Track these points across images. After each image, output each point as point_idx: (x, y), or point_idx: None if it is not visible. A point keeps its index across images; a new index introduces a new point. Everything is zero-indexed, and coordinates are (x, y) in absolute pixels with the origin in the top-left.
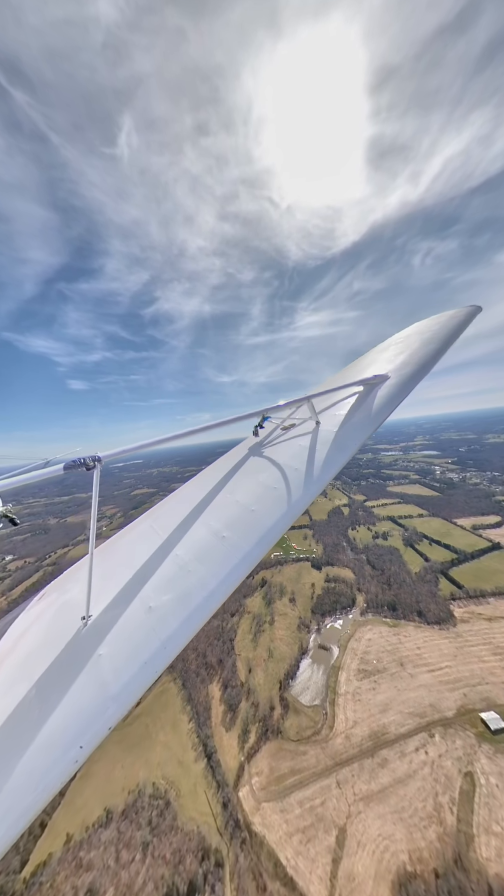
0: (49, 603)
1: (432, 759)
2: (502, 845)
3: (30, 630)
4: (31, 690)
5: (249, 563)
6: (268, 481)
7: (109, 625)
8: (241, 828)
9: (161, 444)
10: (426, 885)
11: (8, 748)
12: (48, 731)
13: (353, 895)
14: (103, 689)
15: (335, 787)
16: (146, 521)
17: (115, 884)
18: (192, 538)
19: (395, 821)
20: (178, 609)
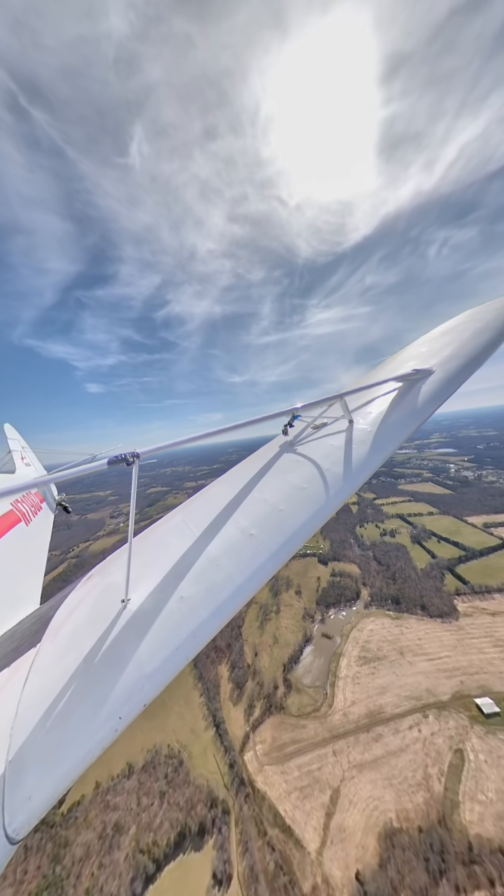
0: (94, 584)
1: (424, 737)
2: (485, 811)
3: (79, 606)
4: (80, 661)
5: (276, 563)
6: (297, 481)
7: (145, 609)
8: (246, 785)
9: (189, 443)
10: (410, 838)
11: (60, 711)
12: (93, 700)
13: (343, 843)
14: (139, 668)
15: (331, 756)
16: (179, 515)
17: (137, 822)
18: (221, 534)
19: (386, 786)
20: (207, 601)
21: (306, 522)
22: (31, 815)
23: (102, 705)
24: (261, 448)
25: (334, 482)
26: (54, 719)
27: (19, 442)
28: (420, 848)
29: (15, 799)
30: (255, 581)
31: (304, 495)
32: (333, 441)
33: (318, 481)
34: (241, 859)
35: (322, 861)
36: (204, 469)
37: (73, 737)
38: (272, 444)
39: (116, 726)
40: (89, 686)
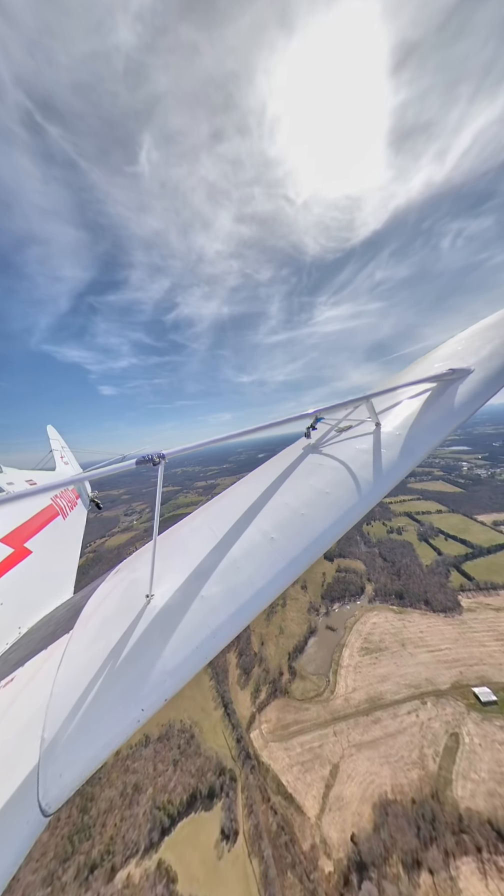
0: (121, 578)
1: (422, 721)
2: (477, 789)
3: (107, 598)
4: (107, 650)
5: (297, 568)
6: (319, 485)
7: (167, 606)
8: (251, 758)
9: (213, 445)
10: (403, 808)
11: (89, 696)
12: (118, 689)
13: (340, 810)
14: (162, 663)
15: (332, 735)
16: (201, 516)
17: (154, 785)
18: (242, 537)
19: (383, 763)
20: (227, 602)
21: (329, 528)
22: (62, 792)
23: (127, 695)
24: (282, 451)
25: (360, 487)
26: (83, 703)
27: (59, 442)
28: (412, 817)
29: (48, 774)
30: (276, 586)
31: (328, 500)
32: (359, 444)
33: (343, 486)
34: (247, 820)
35: (321, 825)
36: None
37: (100, 722)
38: (294, 447)
39: (139, 717)
40: (115, 675)
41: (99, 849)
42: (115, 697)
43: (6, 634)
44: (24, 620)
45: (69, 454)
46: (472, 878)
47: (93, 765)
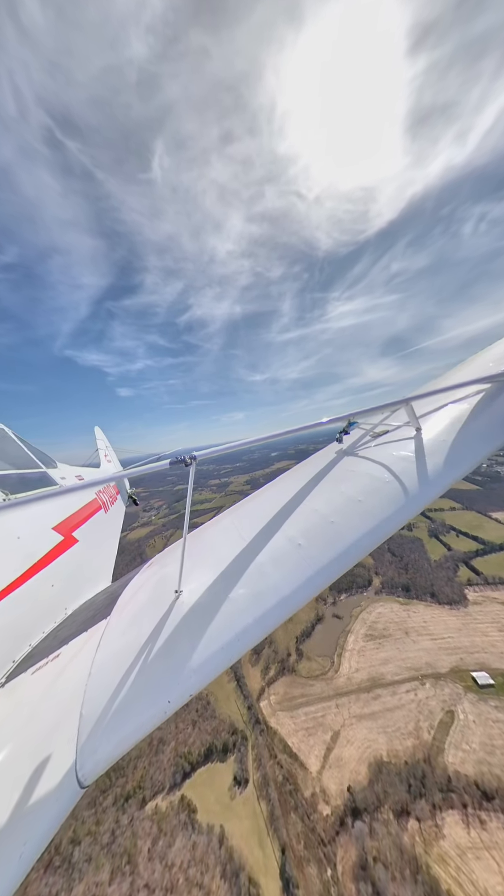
0: (154, 571)
1: (420, 699)
2: (467, 757)
3: (141, 589)
4: (139, 640)
5: (326, 578)
6: (351, 492)
7: (195, 604)
8: (261, 722)
9: (246, 446)
10: (397, 768)
11: (121, 682)
12: (147, 678)
13: (339, 768)
14: (188, 658)
15: (334, 707)
16: (229, 517)
17: (176, 739)
18: (268, 541)
19: (380, 732)
20: (252, 606)
21: (362, 538)
22: (96, 767)
23: (155, 685)
24: (312, 455)
25: (396, 497)
26: (117, 687)
27: (104, 441)
28: (404, 776)
29: (85, 748)
30: (302, 594)
31: (360, 509)
32: (397, 451)
33: (378, 495)
34: (256, 771)
35: (321, 779)
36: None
37: (130, 708)
38: (325, 452)
39: (165, 709)
40: (145, 665)
41: (132, 784)
42: (144, 686)
43: (55, 613)
44: (70, 603)
45: (112, 453)
46: (455, 826)
47: (122, 747)
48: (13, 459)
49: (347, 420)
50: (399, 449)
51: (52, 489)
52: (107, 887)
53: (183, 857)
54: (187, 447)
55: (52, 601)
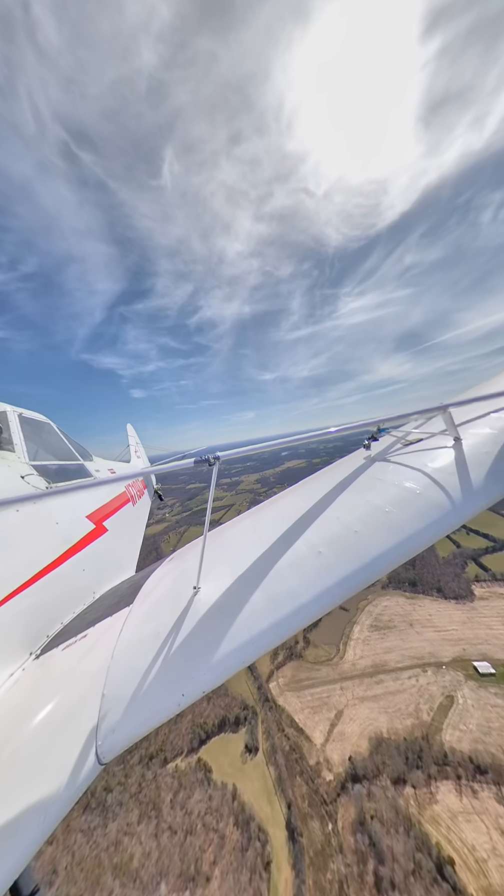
0: (174, 566)
1: (421, 685)
2: (464, 736)
3: (161, 582)
4: (158, 631)
5: (346, 589)
6: (378, 502)
7: (212, 602)
8: (269, 700)
9: (268, 448)
10: (396, 744)
11: (140, 669)
12: (164, 670)
13: (341, 742)
14: (203, 655)
15: (339, 690)
16: (248, 518)
17: (192, 712)
18: (288, 546)
19: (381, 712)
20: (268, 611)
21: (388, 552)
22: (114, 746)
23: (170, 678)
24: (337, 461)
25: (429, 511)
26: (136, 673)
27: (134, 438)
28: (402, 750)
29: (105, 727)
30: (321, 603)
31: (388, 520)
32: (431, 461)
33: (408, 507)
34: (265, 741)
35: (325, 750)
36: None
37: (147, 695)
38: (351, 458)
39: (179, 702)
40: (162, 656)
41: (154, 747)
42: (161, 676)
43: (85, 596)
44: (98, 588)
45: (141, 450)
46: (448, 794)
47: (138, 732)
48: (55, 451)
49: (377, 426)
50: (434, 459)
51: (88, 480)
52: (136, 826)
53: (201, 807)
54: (198, 447)
55: (82, 584)
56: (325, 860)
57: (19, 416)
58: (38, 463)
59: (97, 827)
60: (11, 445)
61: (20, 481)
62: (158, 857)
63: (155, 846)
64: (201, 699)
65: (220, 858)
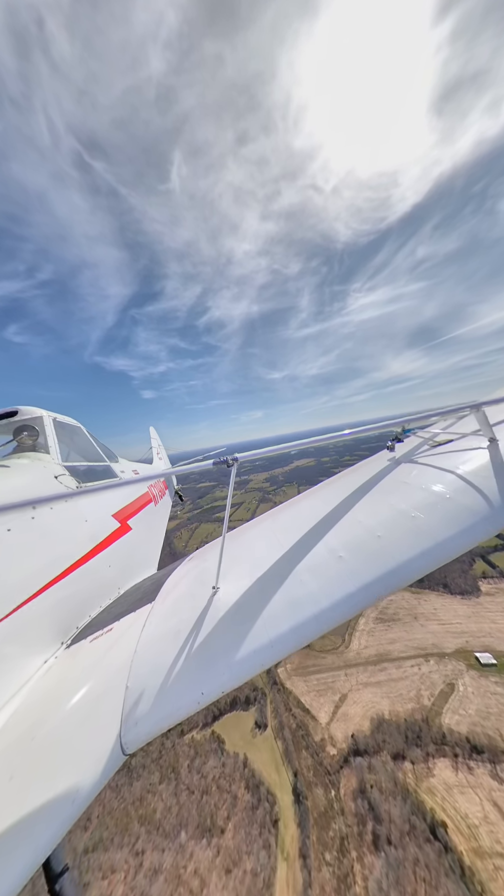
0: (194, 565)
1: (423, 672)
2: (462, 720)
3: (182, 580)
4: (179, 628)
5: (368, 596)
6: (404, 507)
7: (231, 603)
8: (277, 684)
9: (287, 449)
10: (397, 725)
11: (161, 665)
12: (184, 668)
13: (345, 721)
14: (223, 655)
15: (343, 676)
16: (267, 520)
17: None
18: (307, 549)
19: (384, 696)
20: (287, 614)
21: (415, 558)
22: (137, 738)
23: (191, 675)
24: (359, 463)
25: (460, 516)
26: (158, 668)
27: (157, 441)
28: (402, 730)
29: (128, 718)
30: (342, 609)
31: (414, 526)
32: (463, 464)
33: (436, 512)
34: (274, 718)
35: (329, 728)
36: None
37: (168, 691)
38: (374, 460)
39: (199, 700)
40: (183, 653)
41: None
42: (182, 673)
43: (110, 591)
44: (123, 584)
45: (163, 451)
46: (445, 769)
47: (160, 726)
48: (85, 453)
49: (401, 426)
50: (467, 461)
51: (114, 481)
52: (158, 786)
53: (215, 772)
54: (207, 446)
55: (108, 580)
56: (327, 821)
57: (53, 421)
58: (69, 464)
59: (124, 785)
60: (46, 448)
61: (54, 481)
62: (178, 812)
63: (175, 802)
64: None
65: (233, 815)
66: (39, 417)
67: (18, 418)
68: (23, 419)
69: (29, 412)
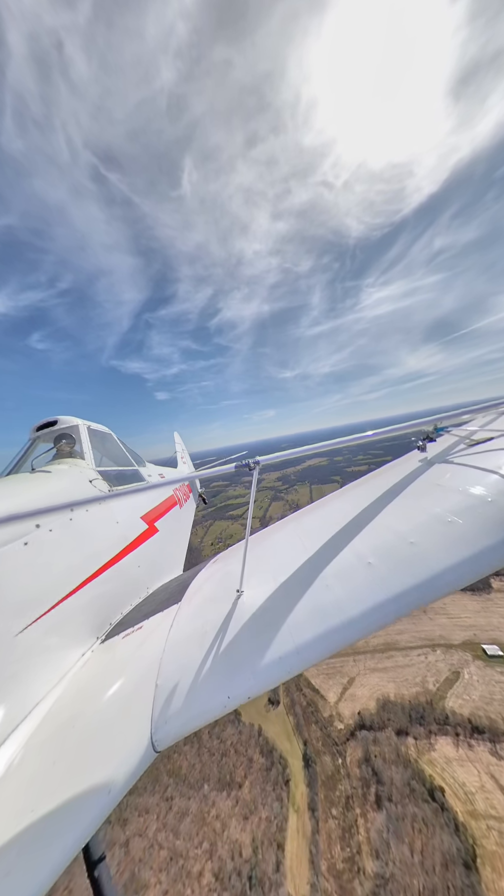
0: (219, 568)
1: (429, 661)
2: (466, 704)
3: (207, 582)
4: (204, 630)
5: (400, 607)
6: (438, 511)
7: (256, 607)
8: None
9: (307, 452)
10: (401, 705)
11: (189, 666)
12: (210, 670)
13: (352, 701)
14: (247, 661)
15: (352, 661)
16: (291, 523)
17: None
18: (333, 554)
19: (390, 681)
20: (314, 621)
21: (454, 567)
22: (166, 737)
23: (217, 678)
24: (388, 464)
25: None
26: (186, 668)
27: (181, 445)
28: (407, 710)
29: (159, 716)
30: (372, 619)
31: (451, 531)
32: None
33: (476, 516)
34: (285, 696)
35: (337, 706)
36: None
37: (195, 693)
38: (405, 461)
39: (225, 703)
40: (209, 656)
41: None
42: (207, 676)
43: (140, 591)
44: (151, 584)
45: (187, 456)
46: (446, 746)
47: (187, 728)
48: (115, 458)
49: (433, 424)
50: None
51: (142, 484)
52: (182, 747)
53: (233, 738)
54: (220, 446)
55: (138, 580)
56: (334, 783)
57: (88, 428)
58: (102, 469)
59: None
60: (82, 454)
61: (89, 485)
62: (201, 769)
63: (198, 761)
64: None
65: (249, 774)
66: (76, 426)
67: (58, 427)
68: (62, 428)
69: (66, 421)
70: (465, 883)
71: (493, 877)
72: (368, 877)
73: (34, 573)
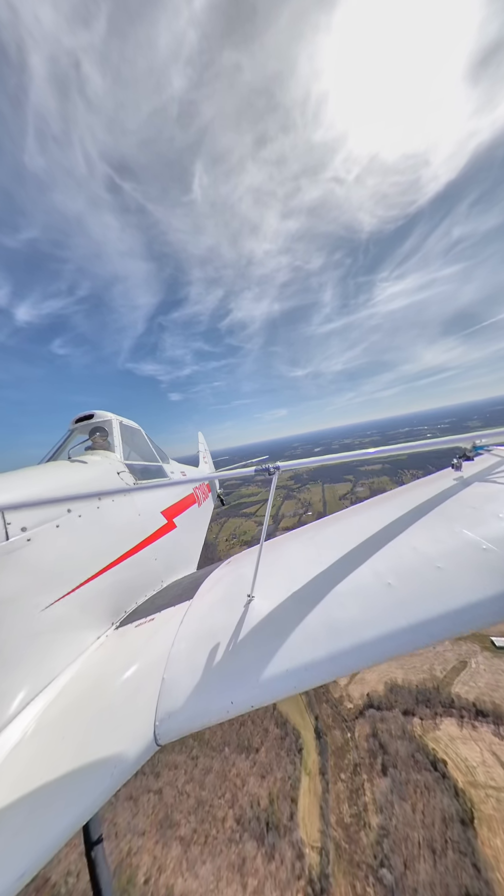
0: (231, 570)
1: (437, 651)
2: (471, 690)
3: (219, 583)
4: (213, 631)
5: (421, 636)
6: (472, 536)
7: (266, 615)
8: None
9: (327, 462)
10: (408, 689)
11: (195, 664)
12: (217, 673)
13: (361, 684)
14: (252, 669)
15: None
16: (308, 533)
17: None
18: (349, 569)
19: (398, 667)
20: (325, 637)
21: (486, 601)
22: (168, 732)
23: (222, 681)
24: (417, 481)
25: None
26: (193, 665)
27: (204, 445)
28: (413, 693)
29: (163, 710)
30: (388, 645)
31: (485, 560)
32: None
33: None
34: None
35: (346, 688)
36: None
37: (199, 692)
38: (437, 479)
39: (228, 709)
40: (216, 657)
41: None
42: (212, 677)
43: (155, 583)
44: (166, 577)
45: (209, 456)
46: (450, 726)
47: (188, 726)
48: (142, 453)
49: (472, 442)
50: None
51: (165, 480)
52: None
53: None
54: (232, 446)
55: (154, 572)
56: (343, 753)
57: (120, 423)
58: (129, 462)
59: None
60: (113, 447)
61: (116, 477)
62: (221, 735)
63: (218, 728)
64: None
65: (265, 742)
66: (109, 420)
67: (94, 420)
68: (97, 421)
69: (101, 415)
70: (462, 837)
71: (488, 835)
72: (373, 829)
73: (62, 554)
